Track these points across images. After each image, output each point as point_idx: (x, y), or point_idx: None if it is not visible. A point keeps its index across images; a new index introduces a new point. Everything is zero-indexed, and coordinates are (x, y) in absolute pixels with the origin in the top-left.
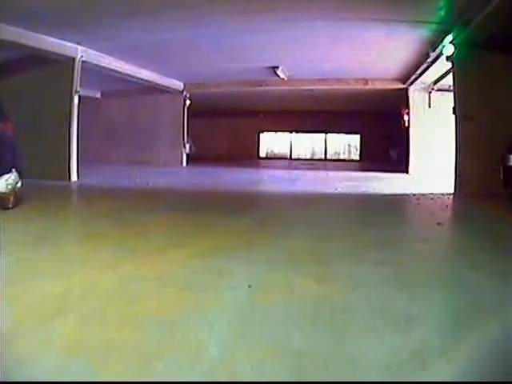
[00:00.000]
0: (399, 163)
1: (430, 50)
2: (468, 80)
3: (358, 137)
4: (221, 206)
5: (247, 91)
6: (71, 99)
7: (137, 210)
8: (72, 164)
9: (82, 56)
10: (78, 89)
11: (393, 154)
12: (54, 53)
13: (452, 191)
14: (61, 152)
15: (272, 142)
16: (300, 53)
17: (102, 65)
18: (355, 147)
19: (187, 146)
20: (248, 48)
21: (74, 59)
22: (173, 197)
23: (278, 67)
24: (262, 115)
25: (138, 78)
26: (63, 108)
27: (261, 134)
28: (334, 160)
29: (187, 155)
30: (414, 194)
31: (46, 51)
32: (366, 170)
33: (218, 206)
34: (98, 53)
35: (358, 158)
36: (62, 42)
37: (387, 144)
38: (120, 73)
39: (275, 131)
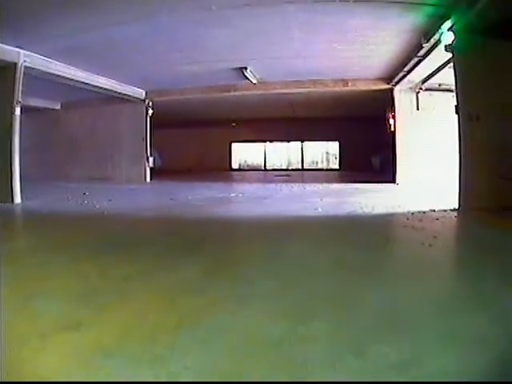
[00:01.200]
0: (383, 171)
1: (423, 40)
2: (471, 73)
3: (336, 144)
4: (164, 241)
5: (215, 98)
6: (12, 111)
7: (55, 247)
8: (15, 184)
9: (24, 61)
10: (20, 99)
11: (375, 161)
12: None
13: (456, 206)
14: (2, 171)
15: (245, 153)
16: (269, 49)
17: (51, 71)
18: (334, 155)
19: (151, 159)
20: (209, 46)
21: (15, 65)
22: (112, 225)
23: (246, 68)
24: (233, 124)
25: (94, 86)
26: (3, 121)
27: (233, 144)
28: (312, 169)
29: (151, 169)
30: (413, 213)
31: None
32: (348, 180)
33: (161, 239)
34: (44, 57)
35: (337, 166)
36: (2, 45)
37: (369, 151)
38: (72, 80)
39: (248, 141)
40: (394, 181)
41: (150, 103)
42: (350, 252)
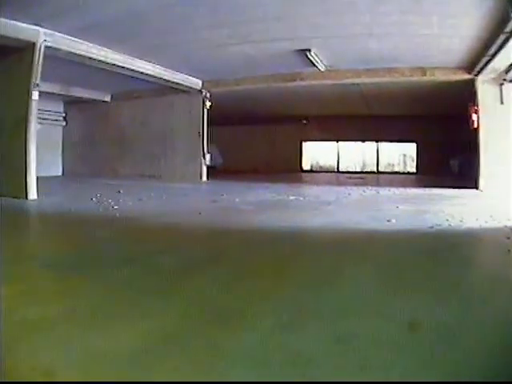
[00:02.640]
0: (462, 175)
1: (511, 10)
2: None
3: (413, 145)
4: (149, 263)
5: (279, 89)
6: (29, 95)
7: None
8: (30, 178)
9: (45, 40)
10: (38, 81)
11: (454, 164)
12: (6, 37)
13: None
14: (16, 163)
15: (317, 153)
16: (331, 23)
17: (78, 53)
18: (411, 157)
19: (207, 156)
20: (256, 17)
21: (34, 45)
22: (104, 233)
23: (309, 50)
24: (304, 121)
25: (136, 72)
26: (19, 107)
27: (304, 144)
28: (388, 173)
29: (210, 168)
30: None
31: None
32: (425, 185)
33: (145, 259)
34: (68, 36)
35: (414, 169)
36: (16, 23)
37: (447, 153)
38: (107, 64)
39: (320, 140)
40: (476, 186)
41: (208, 94)
42: (437, 306)
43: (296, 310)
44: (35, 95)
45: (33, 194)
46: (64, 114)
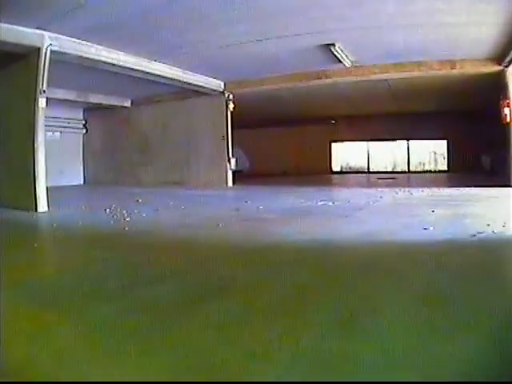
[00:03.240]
0: (494, 172)
1: None
2: None
3: (444, 143)
4: (131, 298)
5: (305, 88)
6: (35, 102)
7: None
8: (39, 189)
9: (50, 45)
10: (44, 88)
11: (485, 161)
12: (9, 43)
13: None
14: (25, 174)
15: (347, 153)
16: (355, 14)
17: (87, 56)
18: (442, 155)
19: (233, 160)
20: (278, 11)
21: (39, 50)
22: (125, 253)
23: (333, 45)
24: (332, 121)
25: (153, 75)
26: (26, 115)
27: (333, 144)
28: (419, 172)
29: (236, 172)
30: None
31: None
32: (458, 183)
33: (178, 283)
34: (75, 39)
35: (445, 167)
36: (19, 28)
37: (478, 150)
38: (119, 67)
39: (349, 140)
40: (509, 184)
41: (231, 96)
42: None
43: (316, 366)
44: (42, 102)
45: (43, 206)
46: (84, 122)
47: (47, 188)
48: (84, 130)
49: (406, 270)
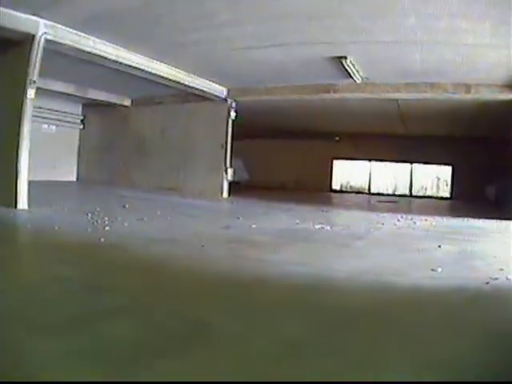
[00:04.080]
0: (498, 204)
1: None
2: None
3: (449, 169)
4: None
5: (311, 101)
6: (24, 92)
7: None
8: (20, 186)
9: (45, 33)
10: (35, 78)
11: (491, 191)
12: (2, 28)
13: None
14: (8, 168)
15: (348, 172)
16: (375, 27)
17: (84, 49)
18: (445, 181)
19: (230, 171)
20: (287, 14)
21: (33, 37)
22: (90, 271)
23: (345, 58)
24: (336, 138)
25: (153, 75)
26: (13, 105)
27: (334, 162)
28: (421, 197)
29: (233, 183)
30: None
31: None
32: (462, 214)
33: (138, 319)
34: (73, 30)
35: (447, 194)
36: (14, 12)
37: (483, 178)
38: (118, 63)
39: (352, 159)
40: None
41: (233, 104)
42: None
43: None
44: (31, 93)
45: (23, 203)
46: (82, 117)
47: (37, 182)
48: (81, 126)
49: (414, 329)
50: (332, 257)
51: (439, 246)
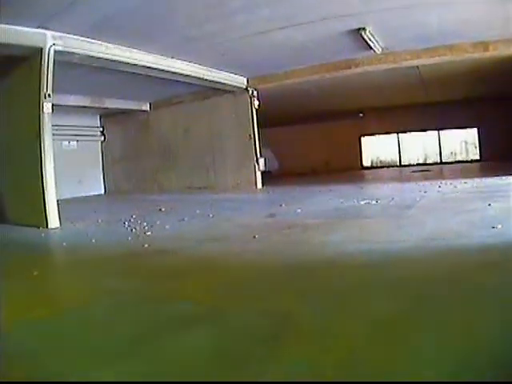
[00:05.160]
0: None
1: None
2: None
3: (475, 131)
4: None
5: (332, 79)
6: (40, 107)
7: None
8: (49, 203)
9: (53, 44)
10: (49, 92)
11: None
12: (8, 45)
13: None
14: (32, 187)
15: (376, 147)
16: None
17: (97, 55)
18: (473, 144)
19: (261, 161)
20: None
21: (41, 50)
22: (139, 281)
23: (364, 29)
24: (360, 114)
25: (172, 74)
26: (31, 122)
27: (362, 139)
28: (451, 162)
29: (264, 173)
30: None
31: None
32: (496, 173)
33: (203, 332)
34: (82, 38)
35: (477, 157)
36: (18, 28)
37: (510, 137)
38: (135, 66)
39: (379, 133)
40: None
41: (255, 92)
42: None
43: None
44: (48, 107)
45: (54, 221)
46: (101, 129)
47: (65, 200)
48: (102, 138)
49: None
50: (390, 229)
51: (489, 205)
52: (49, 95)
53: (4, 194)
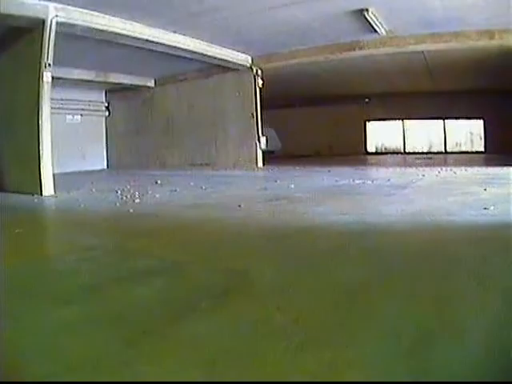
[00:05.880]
0: None
1: None
2: None
3: (481, 123)
4: None
5: (337, 62)
6: (40, 77)
7: None
8: (44, 172)
9: (56, 16)
10: (50, 62)
11: None
12: (11, 16)
13: None
14: (30, 156)
15: (382, 133)
16: None
17: (99, 28)
18: (478, 135)
19: (263, 139)
20: None
21: (44, 22)
22: (119, 239)
23: (367, 10)
24: (366, 100)
25: (174, 48)
26: (30, 91)
27: (367, 124)
28: (456, 153)
29: (267, 153)
30: None
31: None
32: (500, 163)
33: (171, 278)
34: (84, 10)
35: (482, 148)
36: None
37: None
38: (137, 39)
39: (384, 119)
40: None
41: (259, 72)
42: None
43: None
44: (47, 76)
45: (48, 189)
46: (106, 104)
47: (67, 173)
48: (107, 113)
49: (483, 265)
50: (379, 204)
51: (485, 189)
52: (49, 65)
53: (3, 161)
